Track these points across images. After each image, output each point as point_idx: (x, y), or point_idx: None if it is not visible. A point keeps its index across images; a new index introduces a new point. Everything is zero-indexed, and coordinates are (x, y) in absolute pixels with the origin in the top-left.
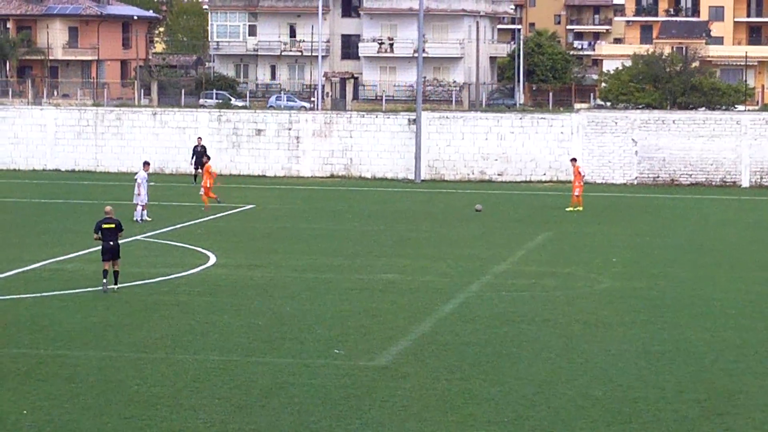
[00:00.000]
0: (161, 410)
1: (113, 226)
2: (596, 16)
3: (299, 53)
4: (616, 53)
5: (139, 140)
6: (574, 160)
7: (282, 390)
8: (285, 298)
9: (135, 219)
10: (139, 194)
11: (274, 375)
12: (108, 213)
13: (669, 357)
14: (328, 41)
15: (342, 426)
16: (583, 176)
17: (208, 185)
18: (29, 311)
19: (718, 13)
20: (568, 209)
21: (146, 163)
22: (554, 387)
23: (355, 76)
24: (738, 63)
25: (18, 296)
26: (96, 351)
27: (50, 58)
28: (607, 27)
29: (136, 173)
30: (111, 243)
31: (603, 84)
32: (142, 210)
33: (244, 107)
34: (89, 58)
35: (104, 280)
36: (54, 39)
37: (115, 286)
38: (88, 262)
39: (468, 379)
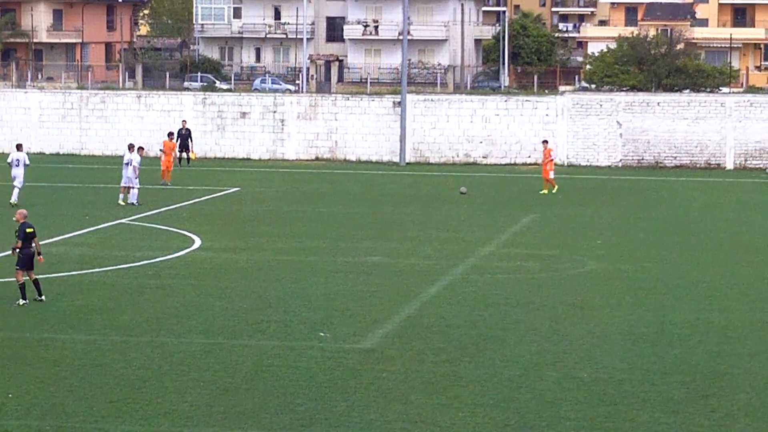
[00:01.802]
0: (147, 393)
1: (33, 230)
2: None
3: (284, 36)
4: (601, 35)
5: (124, 123)
6: (545, 141)
7: (267, 372)
8: (270, 280)
9: (130, 202)
10: (136, 177)
11: (260, 358)
12: (25, 216)
13: (654, 339)
14: (313, 24)
15: (327, 408)
16: (552, 159)
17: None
18: (14, 295)
19: None
20: (552, 192)
21: (140, 148)
22: (539, 369)
23: (340, 58)
24: (723, 45)
25: (3, 279)
26: (81, 334)
27: (34, 40)
28: (592, 9)
29: (129, 157)
30: (28, 250)
31: (588, 66)
32: (128, 193)
33: (229, 90)
34: (74, 40)
35: (23, 301)
36: (38, 22)
37: (43, 297)
38: (74, 245)
39: (453, 362)
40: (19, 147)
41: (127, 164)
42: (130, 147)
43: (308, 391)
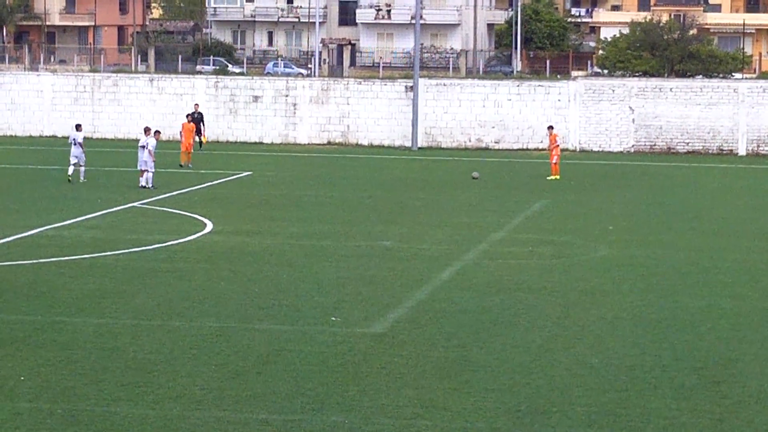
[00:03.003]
0: (158, 376)
1: None
2: None
3: (296, 19)
4: (614, 20)
5: (136, 106)
6: (551, 127)
7: (279, 357)
8: (282, 265)
9: (141, 186)
10: (153, 161)
11: (271, 342)
12: None
13: (665, 325)
14: (325, 7)
15: (339, 393)
16: (558, 145)
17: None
18: (27, 277)
19: None
20: (549, 178)
21: (157, 132)
22: (551, 355)
23: (353, 42)
24: (736, 31)
25: (15, 262)
26: (93, 317)
27: (47, 23)
28: None
29: (145, 140)
30: None
31: (600, 51)
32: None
33: (241, 74)
34: (86, 23)
35: None
36: (51, 4)
37: None
38: (86, 228)
39: (465, 347)
40: (78, 127)
41: (142, 147)
42: (146, 130)
43: (319, 376)
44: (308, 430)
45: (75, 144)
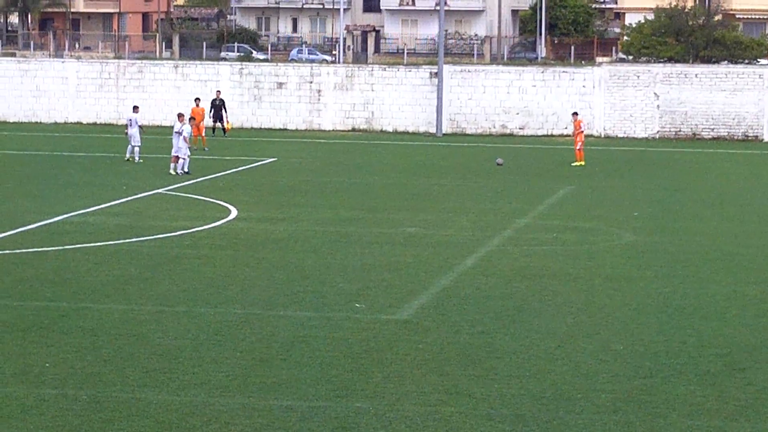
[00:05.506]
0: (183, 363)
1: None
2: None
3: (321, 6)
4: (639, 6)
5: (161, 93)
6: (575, 114)
7: (303, 343)
8: (306, 251)
9: (179, 171)
10: (189, 146)
11: (296, 328)
12: None
13: (690, 311)
14: None
15: (363, 379)
16: (582, 131)
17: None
18: (52, 264)
19: None
20: (574, 164)
21: (192, 118)
22: (575, 341)
23: (377, 29)
24: (761, 16)
25: (41, 249)
26: (118, 304)
27: (72, 10)
28: None
29: (181, 128)
30: None
31: (625, 37)
32: (177, 162)
33: (266, 60)
34: (111, 10)
35: None
36: None
37: None
38: (111, 215)
39: (489, 333)
40: (135, 109)
41: (178, 134)
42: (180, 116)
43: (344, 362)
44: (333, 416)
45: (132, 125)
